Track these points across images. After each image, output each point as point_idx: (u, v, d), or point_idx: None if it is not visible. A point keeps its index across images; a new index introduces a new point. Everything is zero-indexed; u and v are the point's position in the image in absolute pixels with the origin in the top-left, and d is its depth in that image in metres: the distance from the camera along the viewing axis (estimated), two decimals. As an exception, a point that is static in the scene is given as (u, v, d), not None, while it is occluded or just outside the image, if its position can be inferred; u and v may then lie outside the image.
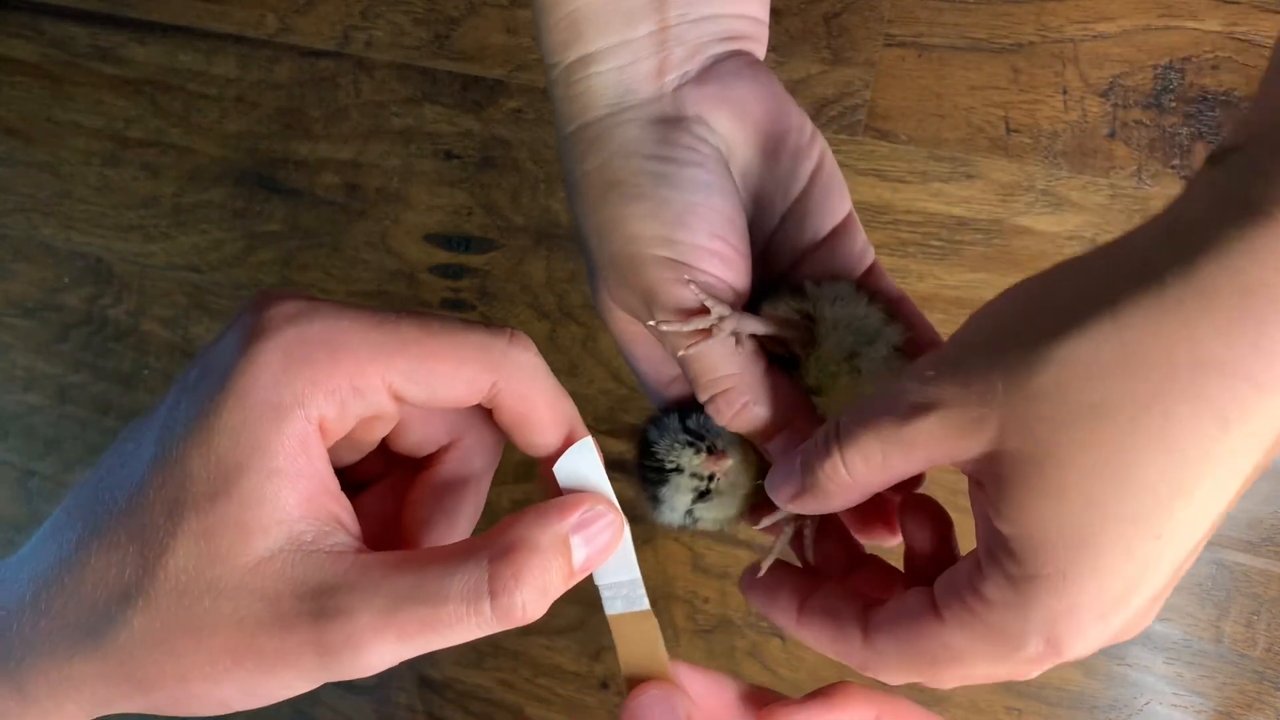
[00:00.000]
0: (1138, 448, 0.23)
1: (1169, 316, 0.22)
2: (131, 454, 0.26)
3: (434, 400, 0.27)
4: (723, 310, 0.32)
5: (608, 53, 0.33)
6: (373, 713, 0.69)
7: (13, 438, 0.78)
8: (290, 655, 0.24)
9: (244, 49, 0.66)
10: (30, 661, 0.25)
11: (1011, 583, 0.25)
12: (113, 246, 0.72)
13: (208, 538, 0.24)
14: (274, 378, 0.25)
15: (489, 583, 0.25)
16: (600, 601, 0.31)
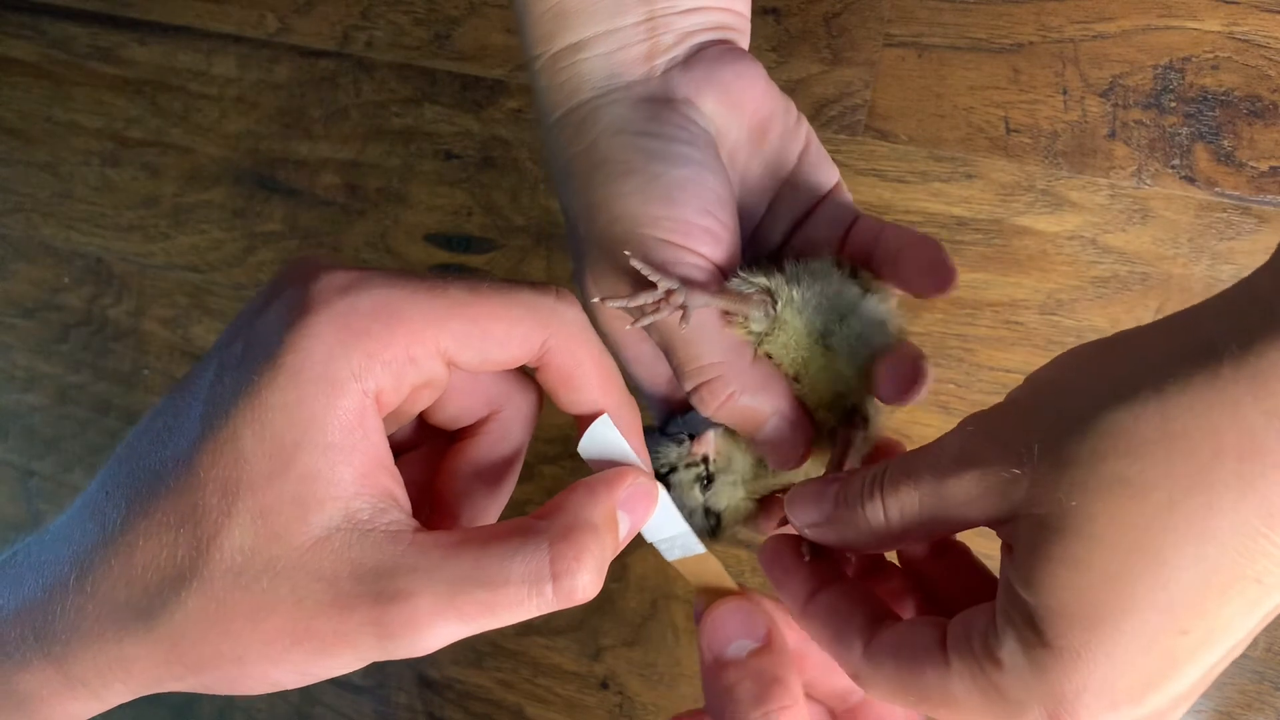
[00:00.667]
0: (1172, 531, 0.22)
1: (1219, 396, 0.21)
2: (174, 430, 0.25)
3: (486, 362, 0.27)
4: (670, 284, 0.31)
5: (595, 40, 0.34)
6: (372, 713, 0.69)
7: (13, 438, 0.78)
8: (349, 636, 0.24)
9: (244, 49, 0.66)
10: (77, 644, 0.24)
11: (1025, 649, 0.24)
12: (113, 246, 0.72)
13: (264, 517, 0.24)
14: (329, 351, 0.24)
15: (551, 565, 0.25)
16: (600, 600, 0.31)
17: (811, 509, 0.30)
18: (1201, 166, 0.48)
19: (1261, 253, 0.47)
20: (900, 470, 0.27)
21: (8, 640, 0.25)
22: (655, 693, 0.61)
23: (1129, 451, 0.22)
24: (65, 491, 0.77)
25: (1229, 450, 0.21)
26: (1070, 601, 0.23)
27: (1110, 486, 0.22)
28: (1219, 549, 0.21)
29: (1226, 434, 0.21)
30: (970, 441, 0.26)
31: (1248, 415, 0.21)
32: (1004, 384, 0.52)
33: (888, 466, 0.28)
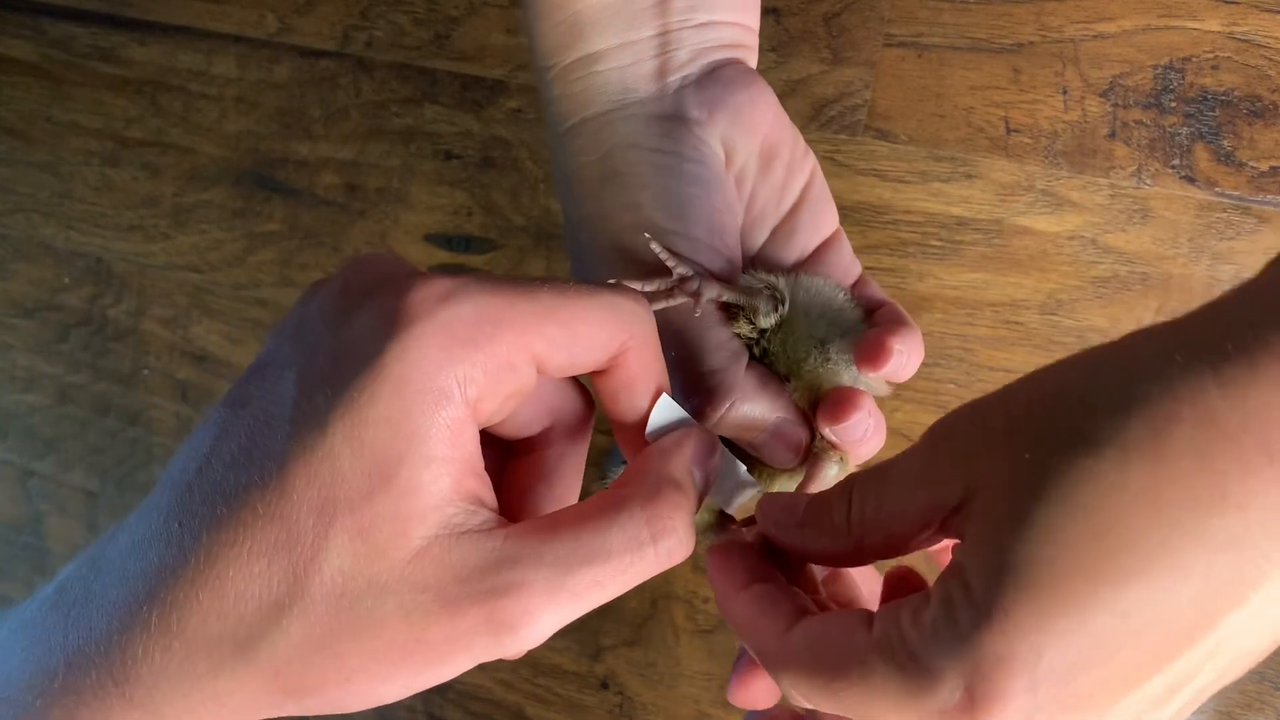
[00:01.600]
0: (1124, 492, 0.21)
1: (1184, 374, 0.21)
2: (255, 453, 0.24)
3: (574, 366, 0.27)
4: (684, 270, 0.32)
5: (609, 53, 0.34)
6: (373, 713, 0.69)
7: (13, 438, 0.78)
8: (462, 640, 0.24)
9: (244, 49, 0.66)
10: (166, 686, 0.23)
11: (950, 610, 0.22)
12: (113, 246, 0.72)
13: (364, 536, 0.23)
14: (435, 363, 0.24)
15: (648, 527, 0.25)
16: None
17: (782, 511, 0.29)
18: (1201, 166, 0.48)
19: (1261, 253, 0.47)
20: (872, 469, 0.27)
21: (84, 688, 0.23)
22: (655, 693, 0.61)
23: (1089, 412, 0.22)
24: (65, 491, 0.77)
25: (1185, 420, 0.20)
26: (1008, 561, 0.21)
27: (1064, 443, 0.22)
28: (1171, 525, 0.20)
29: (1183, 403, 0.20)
30: (937, 427, 0.26)
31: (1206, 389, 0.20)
32: (1004, 384, 0.52)
33: (859, 472, 0.28)
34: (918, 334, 0.34)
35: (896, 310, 0.36)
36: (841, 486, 0.28)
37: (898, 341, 0.33)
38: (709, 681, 0.60)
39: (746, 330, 0.34)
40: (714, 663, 0.59)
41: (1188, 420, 0.20)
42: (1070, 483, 0.21)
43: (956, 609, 0.22)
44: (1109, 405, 0.21)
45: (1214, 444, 0.20)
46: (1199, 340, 0.21)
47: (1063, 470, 0.21)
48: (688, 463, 0.27)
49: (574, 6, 0.33)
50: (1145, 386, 0.21)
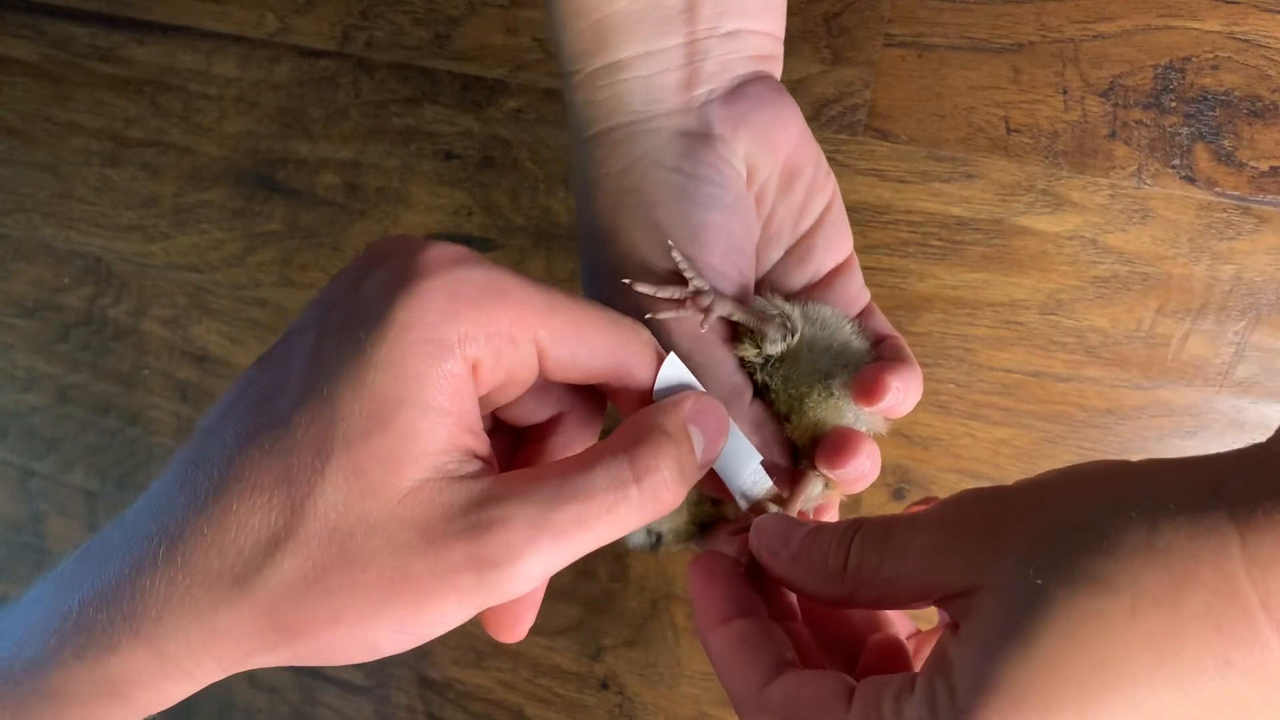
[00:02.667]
0: (1122, 640, 0.21)
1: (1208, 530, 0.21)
2: (269, 398, 0.25)
3: (575, 365, 0.27)
4: (701, 284, 0.32)
5: (636, 61, 0.33)
6: (372, 713, 0.69)
7: (13, 438, 0.78)
8: (448, 576, 0.24)
9: (244, 49, 0.66)
10: (169, 618, 0.24)
11: (933, 709, 0.23)
12: (113, 246, 0.72)
13: (358, 473, 0.24)
14: (439, 315, 0.25)
15: (630, 467, 0.25)
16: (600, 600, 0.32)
17: (777, 538, 0.29)
18: (1202, 166, 0.48)
19: (1261, 253, 0.47)
20: (876, 523, 0.27)
21: (95, 624, 0.24)
22: (655, 693, 0.61)
23: (1108, 551, 0.22)
24: (65, 491, 0.77)
25: (1204, 582, 0.21)
26: (1000, 676, 0.22)
27: (1079, 578, 0.22)
28: (1175, 687, 0.21)
29: (1205, 565, 0.21)
30: (954, 509, 0.26)
31: (1231, 555, 0.21)
32: (1004, 384, 0.52)
33: (865, 519, 0.28)
34: (917, 372, 0.34)
35: (899, 346, 0.36)
36: (843, 532, 0.28)
37: (895, 379, 0.33)
38: (709, 681, 0.60)
39: (751, 354, 0.34)
40: (714, 663, 0.59)
41: (1206, 585, 0.21)
42: (1078, 617, 0.21)
43: (939, 709, 0.23)
44: (1129, 549, 0.21)
45: (1229, 613, 0.20)
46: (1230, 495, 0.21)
47: (1072, 604, 0.22)
48: (683, 418, 0.27)
49: (600, 11, 0.33)
50: (1168, 539, 0.21)
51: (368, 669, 0.69)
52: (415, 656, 0.67)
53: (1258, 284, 0.47)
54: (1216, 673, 0.20)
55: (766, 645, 0.28)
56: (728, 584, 0.30)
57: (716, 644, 0.29)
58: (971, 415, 0.53)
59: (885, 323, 0.37)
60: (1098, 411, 0.51)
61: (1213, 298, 0.48)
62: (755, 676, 0.28)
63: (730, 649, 0.29)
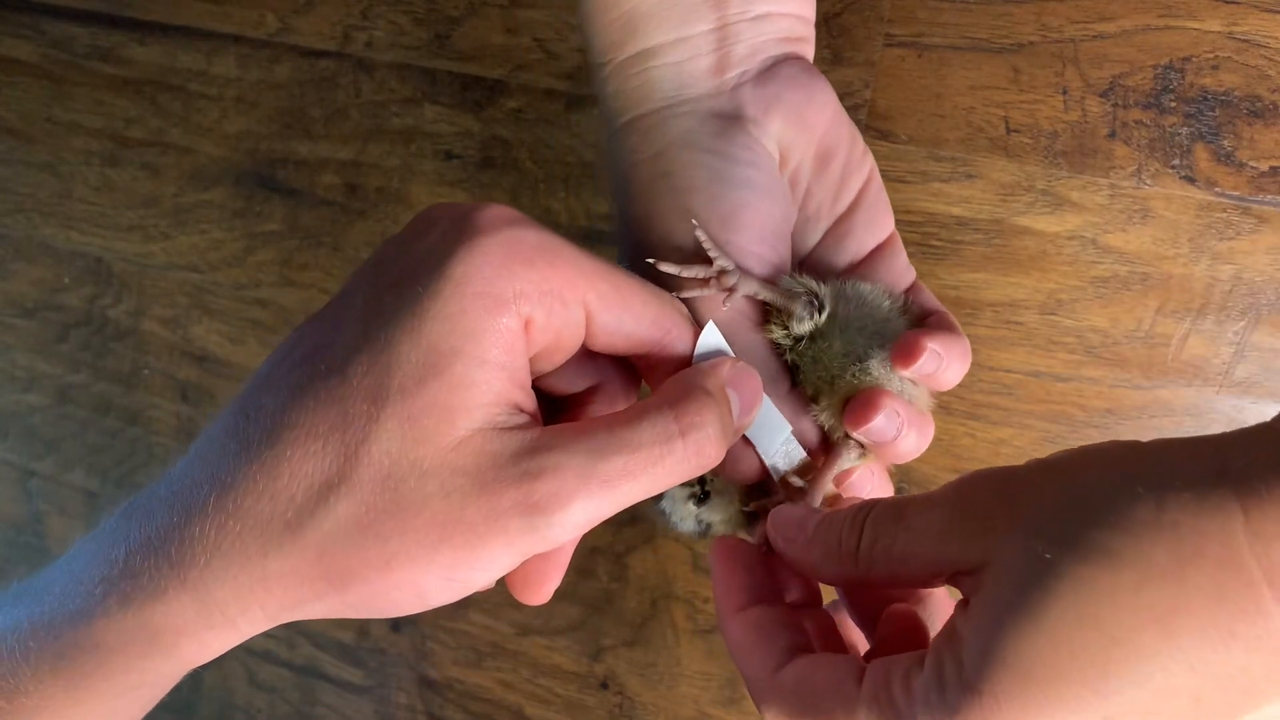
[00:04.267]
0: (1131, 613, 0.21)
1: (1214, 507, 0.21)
2: (324, 348, 0.26)
3: (619, 331, 0.28)
4: (726, 263, 0.32)
5: (666, 48, 0.33)
6: (372, 713, 0.69)
7: (13, 438, 0.78)
8: (499, 521, 0.24)
9: (244, 49, 0.66)
10: (218, 564, 0.24)
11: (941, 683, 0.23)
12: (113, 246, 0.72)
13: (412, 420, 0.24)
14: (496, 270, 0.25)
15: (676, 422, 0.26)
16: (600, 600, 0.31)
17: (793, 525, 0.30)
18: (1201, 166, 0.48)
19: (1262, 252, 0.47)
20: (888, 503, 0.28)
21: (141, 571, 0.24)
22: (655, 693, 0.61)
23: (1116, 525, 0.22)
24: (65, 491, 0.77)
25: (1210, 556, 0.21)
26: (1008, 649, 0.22)
27: (1087, 551, 0.22)
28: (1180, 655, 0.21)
29: (1210, 540, 0.21)
30: (965, 488, 0.26)
31: (1235, 530, 0.21)
32: (1004, 384, 0.52)
33: (877, 500, 0.28)
34: (962, 341, 0.34)
35: (945, 318, 0.36)
36: (855, 516, 0.28)
37: (933, 341, 0.32)
38: (709, 681, 0.60)
39: (779, 335, 0.33)
40: (714, 663, 0.59)
41: (1211, 560, 0.21)
42: (1085, 591, 0.22)
43: (947, 684, 0.23)
44: (1137, 524, 0.22)
45: (1233, 586, 0.21)
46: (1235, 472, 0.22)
47: (1080, 577, 0.22)
48: (722, 380, 0.28)
49: (630, 1, 0.33)
50: (1175, 515, 0.22)
51: (368, 669, 0.69)
52: (415, 656, 0.67)
53: (1257, 284, 0.47)
54: (1221, 645, 0.21)
55: (781, 631, 0.29)
56: (747, 571, 0.31)
57: (733, 630, 0.30)
58: (971, 415, 0.53)
59: (932, 299, 0.37)
60: (1098, 411, 0.51)
61: (1212, 298, 0.48)
62: (769, 661, 0.28)
63: (746, 634, 0.29)
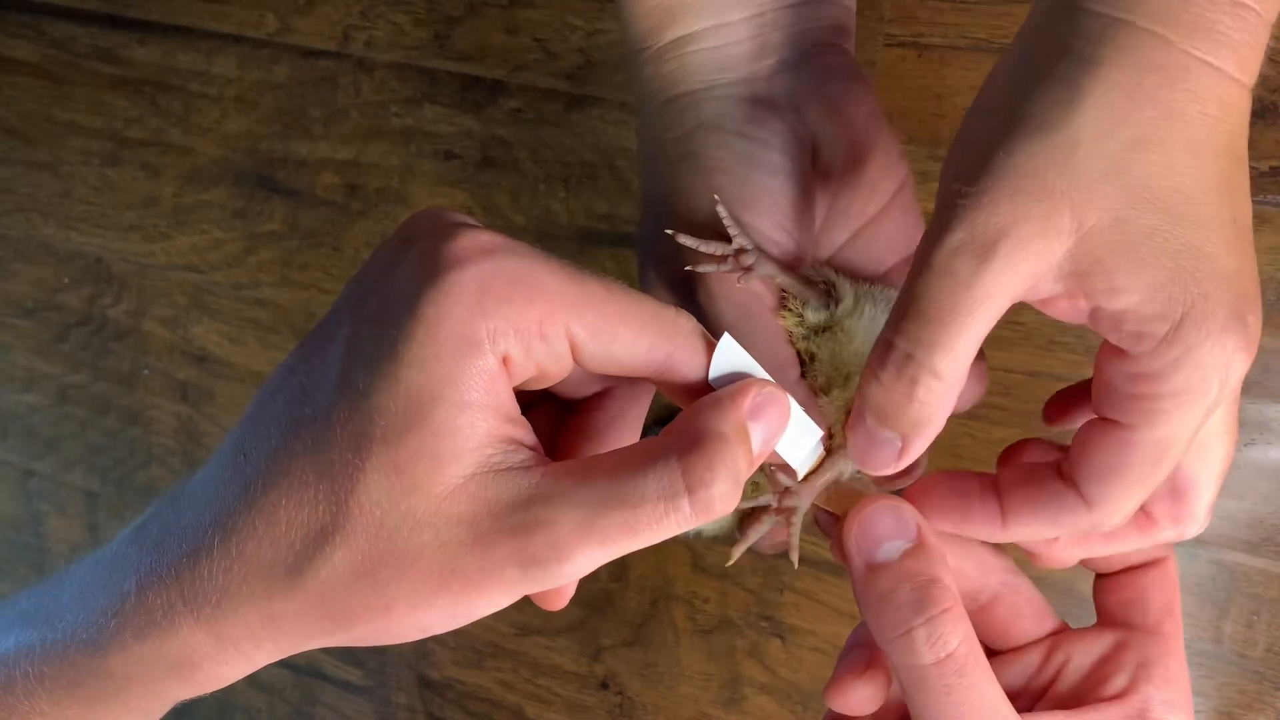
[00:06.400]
0: (1146, 113, 0.24)
1: (1136, 39, 0.24)
2: (310, 389, 0.25)
3: (609, 361, 0.27)
4: (744, 242, 0.31)
5: (704, 34, 0.33)
6: (372, 713, 0.69)
7: (13, 438, 0.78)
8: (495, 571, 0.24)
9: (244, 49, 0.66)
10: (228, 605, 0.24)
11: (1164, 344, 0.25)
12: (112, 246, 0.72)
13: (398, 471, 0.24)
14: (468, 311, 0.24)
15: (684, 478, 0.25)
16: (600, 600, 0.31)
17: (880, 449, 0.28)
18: (1202, 166, 0.48)
19: (1262, 252, 0.47)
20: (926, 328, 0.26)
21: (155, 607, 0.25)
22: (655, 693, 0.61)
23: (1116, 119, 0.24)
24: (65, 491, 0.77)
25: (1174, 67, 0.24)
26: (1165, 257, 0.25)
27: (1129, 157, 0.24)
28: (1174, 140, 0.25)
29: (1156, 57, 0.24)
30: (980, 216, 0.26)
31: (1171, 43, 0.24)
32: (1005, 384, 0.52)
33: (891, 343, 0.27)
34: (980, 363, 0.33)
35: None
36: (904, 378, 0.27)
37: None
38: (709, 681, 0.60)
39: (793, 323, 0.33)
40: (714, 663, 0.59)
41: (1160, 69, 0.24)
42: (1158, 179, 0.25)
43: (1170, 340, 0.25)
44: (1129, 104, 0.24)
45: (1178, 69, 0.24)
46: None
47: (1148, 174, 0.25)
48: (741, 416, 0.26)
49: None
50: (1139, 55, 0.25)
51: (368, 669, 0.69)
52: (415, 656, 0.67)
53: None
54: (1197, 118, 0.24)
55: (970, 481, 0.30)
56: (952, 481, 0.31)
57: (936, 505, 0.31)
58: (971, 415, 0.53)
59: None
60: (1098, 411, 0.51)
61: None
62: (989, 503, 0.30)
63: (946, 499, 0.31)
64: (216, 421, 0.71)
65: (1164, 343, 0.25)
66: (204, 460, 0.27)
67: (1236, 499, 0.49)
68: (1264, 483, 0.49)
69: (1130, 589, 0.32)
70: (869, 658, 0.32)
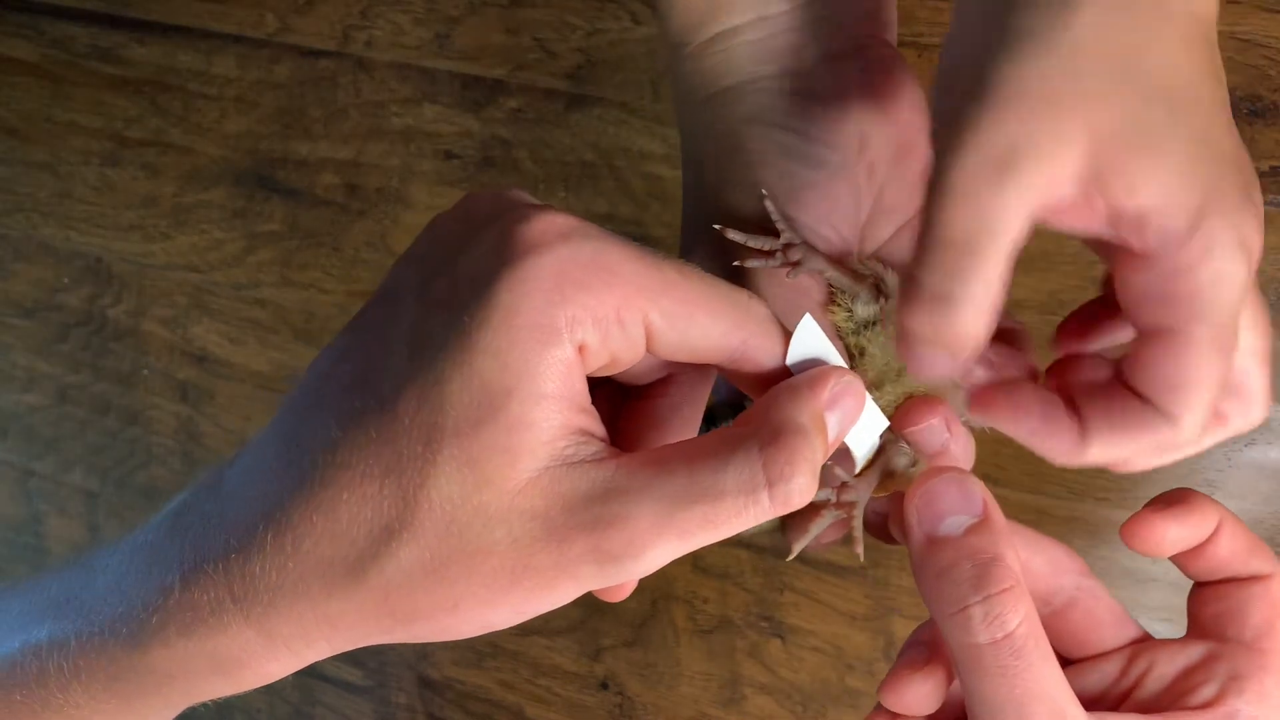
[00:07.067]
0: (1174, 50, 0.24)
1: None
2: (372, 376, 0.24)
3: (684, 346, 0.26)
4: (792, 237, 0.31)
5: (746, 27, 0.33)
6: (372, 713, 0.69)
7: (12, 438, 0.78)
8: (569, 567, 0.23)
9: (244, 49, 0.66)
10: (282, 604, 0.23)
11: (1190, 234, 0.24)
12: (112, 246, 0.72)
13: (471, 465, 0.23)
14: (546, 298, 0.23)
15: (764, 471, 0.24)
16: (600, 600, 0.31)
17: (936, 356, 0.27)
18: (1202, 166, 0.48)
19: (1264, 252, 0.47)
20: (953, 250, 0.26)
21: (201, 604, 0.24)
22: (655, 693, 0.61)
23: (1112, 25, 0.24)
24: (65, 491, 0.77)
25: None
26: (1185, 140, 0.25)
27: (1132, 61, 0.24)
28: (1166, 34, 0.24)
29: None
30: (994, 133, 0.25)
31: None
32: (1004, 384, 0.52)
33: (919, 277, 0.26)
34: (1025, 356, 0.33)
35: (1019, 334, 0.34)
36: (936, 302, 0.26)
37: (991, 353, 0.31)
38: (709, 682, 0.60)
39: (843, 319, 0.32)
40: (714, 663, 0.59)
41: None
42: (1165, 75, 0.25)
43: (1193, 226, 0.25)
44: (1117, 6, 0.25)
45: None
46: None
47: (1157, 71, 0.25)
48: (819, 406, 0.26)
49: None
50: None
51: (368, 669, 0.69)
52: (415, 657, 0.67)
53: (1258, 284, 0.47)
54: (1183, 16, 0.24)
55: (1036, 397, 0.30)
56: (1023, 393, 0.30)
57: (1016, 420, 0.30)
58: (972, 415, 0.53)
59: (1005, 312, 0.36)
60: (1098, 411, 0.51)
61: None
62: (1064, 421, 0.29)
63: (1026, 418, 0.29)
64: (216, 421, 0.71)
65: (1189, 235, 0.24)
66: (204, 460, 0.27)
67: (1237, 499, 0.49)
68: (1265, 483, 0.49)
69: (1229, 600, 0.31)
70: (929, 655, 0.31)
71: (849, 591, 0.56)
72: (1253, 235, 0.25)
